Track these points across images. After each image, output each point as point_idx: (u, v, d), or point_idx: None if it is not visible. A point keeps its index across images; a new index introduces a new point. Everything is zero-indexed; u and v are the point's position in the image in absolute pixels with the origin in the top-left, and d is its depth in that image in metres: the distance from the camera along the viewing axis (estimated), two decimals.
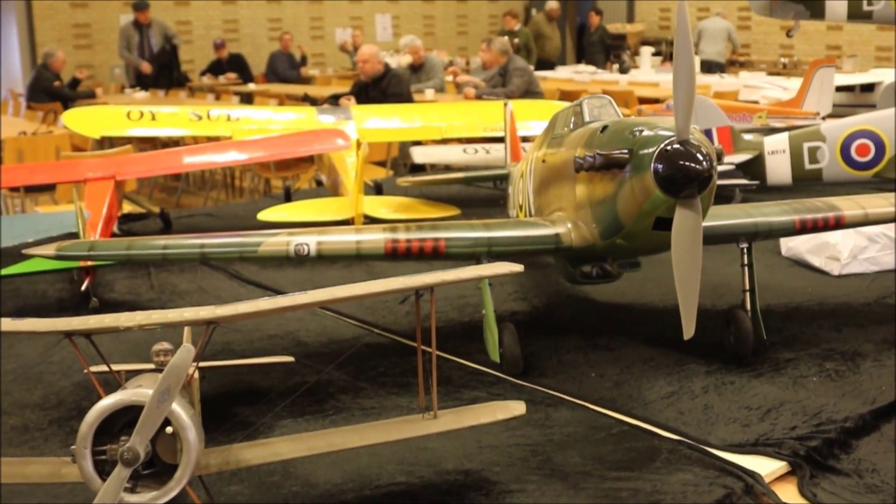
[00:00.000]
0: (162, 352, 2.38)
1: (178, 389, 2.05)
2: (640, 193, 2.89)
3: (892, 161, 5.63)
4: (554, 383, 3.32)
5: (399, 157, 9.75)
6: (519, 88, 12.40)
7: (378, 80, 9.82)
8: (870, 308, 4.13)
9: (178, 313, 2.27)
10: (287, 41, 19.82)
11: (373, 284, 2.36)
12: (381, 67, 9.88)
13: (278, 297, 2.34)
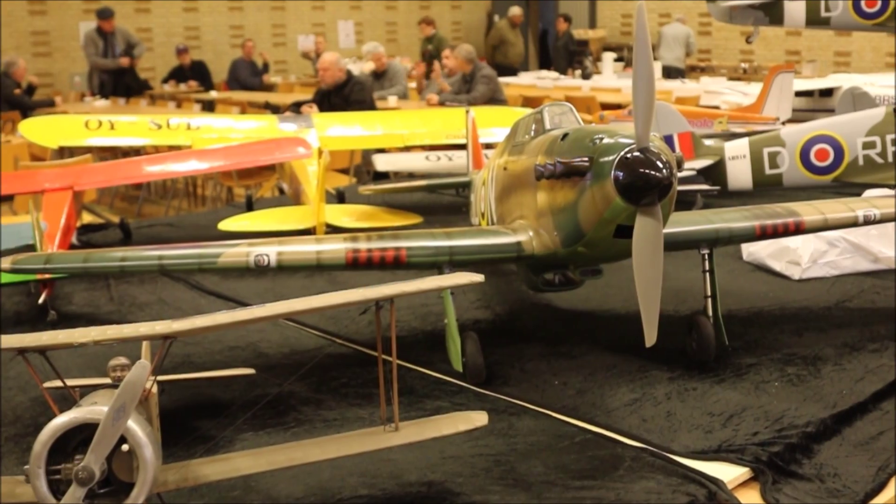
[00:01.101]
0: (118, 367, 2.35)
1: (133, 406, 2.02)
2: (600, 201, 2.89)
3: (850, 165, 5.67)
4: (517, 392, 3.31)
5: (362, 165, 9.73)
6: (483, 95, 12.43)
7: (340, 88, 9.79)
8: (830, 312, 4.16)
9: (134, 328, 2.23)
10: (249, 48, 19.76)
11: (332, 297, 2.33)
12: (343, 75, 9.85)
13: (236, 311, 2.31)
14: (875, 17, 6.66)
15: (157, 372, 2.34)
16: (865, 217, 3.70)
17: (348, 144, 7.31)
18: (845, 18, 6.70)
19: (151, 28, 21.82)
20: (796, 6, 6.74)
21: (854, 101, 7.46)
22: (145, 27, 21.51)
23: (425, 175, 6.87)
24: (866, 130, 5.67)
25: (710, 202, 6.00)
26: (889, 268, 4.73)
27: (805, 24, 6.83)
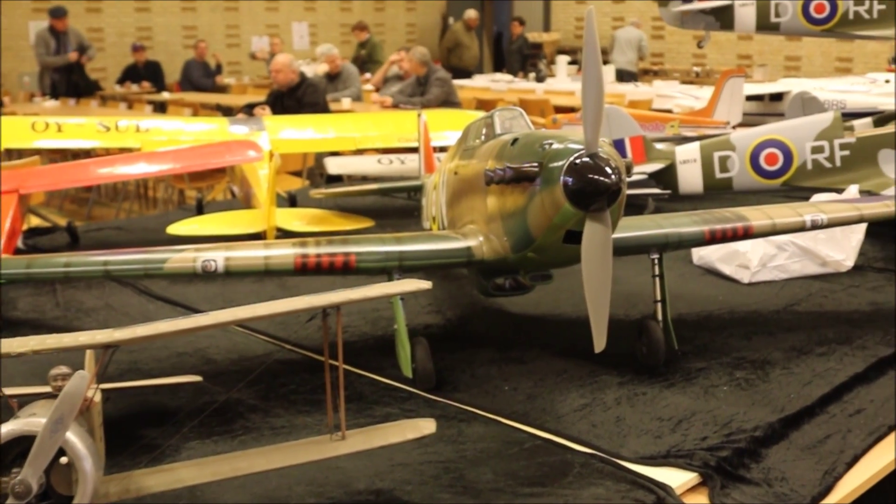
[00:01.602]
0: (59, 376, 2.29)
1: (72, 418, 1.98)
2: (549, 207, 2.88)
3: (799, 170, 5.72)
4: (467, 398, 3.29)
5: (315, 167, 9.68)
6: (437, 98, 12.44)
7: (293, 90, 9.74)
8: (779, 316, 4.19)
9: (74, 338, 2.19)
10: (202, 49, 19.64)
11: (277, 304, 2.30)
12: (296, 77, 9.79)
13: (179, 320, 2.27)
14: (824, 22, 6.73)
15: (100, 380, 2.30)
16: (813, 221, 3.73)
17: (300, 147, 7.26)
18: (794, 24, 6.76)
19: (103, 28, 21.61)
20: (746, 11, 6.79)
21: (803, 106, 7.55)
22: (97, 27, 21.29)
23: (378, 178, 6.84)
24: (815, 135, 5.72)
25: (662, 206, 6.04)
26: (837, 271, 4.78)
27: (755, 29, 6.87)
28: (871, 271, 4.88)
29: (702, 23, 6.90)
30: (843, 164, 5.69)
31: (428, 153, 5.27)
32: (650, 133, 7.64)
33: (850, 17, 6.66)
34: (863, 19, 6.67)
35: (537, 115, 11.80)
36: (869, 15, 6.65)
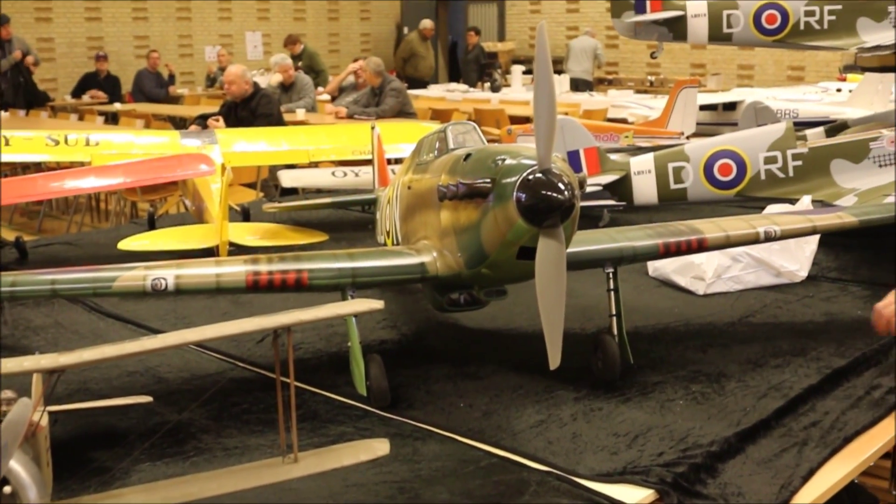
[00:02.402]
0: (4, 401, 2.24)
1: (15, 446, 1.92)
2: (503, 223, 2.86)
3: (753, 180, 5.75)
4: (422, 415, 3.26)
5: (269, 179, 9.60)
6: (392, 108, 12.41)
7: (247, 101, 9.65)
8: (734, 328, 4.20)
9: (18, 362, 2.13)
10: (154, 59, 19.46)
11: (226, 326, 2.26)
12: (250, 88, 9.71)
13: (126, 343, 2.22)
14: (775, 33, 6.78)
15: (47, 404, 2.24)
16: (766, 234, 3.74)
17: (253, 160, 7.19)
18: (746, 34, 6.80)
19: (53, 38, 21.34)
20: (699, 22, 6.82)
21: (756, 116, 7.60)
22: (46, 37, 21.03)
23: (332, 191, 6.80)
24: (768, 145, 5.75)
25: (617, 217, 6.06)
26: (791, 281, 4.81)
27: (708, 39, 6.91)
28: (825, 281, 4.91)
29: (655, 34, 6.92)
30: (795, 175, 5.72)
31: (382, 166, 5.24)
32: (605, 144, 7.67)
33: (801, 28, 6.72)
34: (813, 30, 6.73)
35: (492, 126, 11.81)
36: (819, 25, 6.71)
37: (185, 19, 23.26)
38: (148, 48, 20.72)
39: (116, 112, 15.73)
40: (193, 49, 23.31)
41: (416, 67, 19.97)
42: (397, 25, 26.68)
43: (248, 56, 23.30)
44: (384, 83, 12.65)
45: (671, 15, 6.80)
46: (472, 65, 21.32)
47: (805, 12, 6.69)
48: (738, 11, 6.76)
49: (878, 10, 6.59)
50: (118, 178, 5.78)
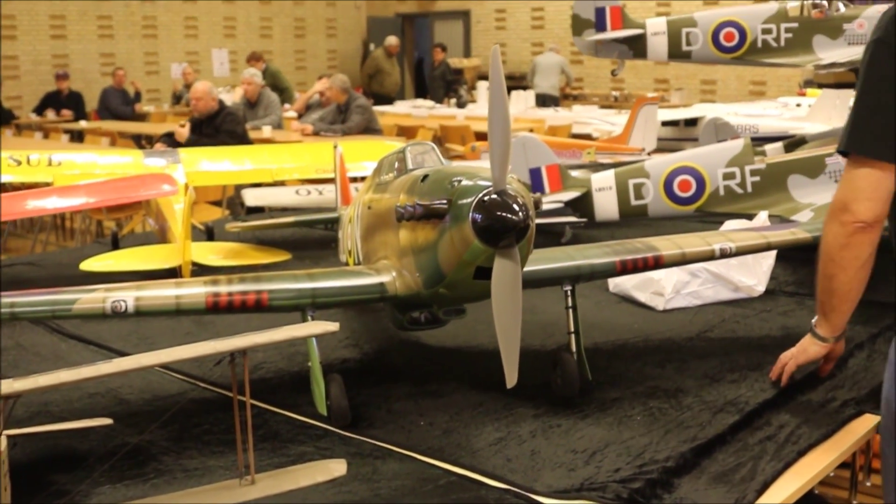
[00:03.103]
0: None
1: None
2: (459, 244, 2.90)
3: (712, 196, 5.82)
4: (382, 434, 3.28)
5: (235, 197, 9.61)
6: (358, 125, 12.45)
7: (212, 118, 9.67)
8: (692, 343, 4.25)
9: None
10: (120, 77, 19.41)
11: (182, 350, 2.28)
12: (215, 104, 9.73)
13: (82, 368, 2.24)
14: (733, 50, 6.89)
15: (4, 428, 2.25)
16: (722, 250, 3.80)
17: (216, 180, 7.21)
18: (705, 52, 6.91)
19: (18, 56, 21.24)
20: (658, 40, 6.92)
21: (716, 132, 7.70)
22: (11, 55, 20.92)
23: (297, 209, 6.82)
24: (726, 161, 5.82)
25: (579, 233, 6.11)
26: (749, 296, 4.87)
27: (667, 57, 7.01)
28: (783, 295, 4.98)
29: (615, 52, 7.02)
30: (754, 190, 5.80)
31: (344, 185, 5.27)
32: (567, 160, 7.74)
33: (758, 46, 6.84)
34: (771, 47, 6.84)
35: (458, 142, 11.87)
36: (777, 43, 6.82)
37: (151, 37, 23.22)
38: (114, 65, 20.68)
39: (82, 130, 15.67)
40: (160, 66, 23.27)
41: (382, 84, 20.05)
42: (363, 42, 26.76)
43: (214, 73, 23.28)
44: (350, 100, 12.70)
45: (631, 33, 6.89)
46: (438, 81, 21.42)
47: (762, 30, 6.81)
48: (696, 29, 6.87)
49: (833, 27, 6.71)
50: (80, 199, 5.77)
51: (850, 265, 3.04)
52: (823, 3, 6.77)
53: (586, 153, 8.04)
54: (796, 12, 6.80)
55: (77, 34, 22.01)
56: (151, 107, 20.30)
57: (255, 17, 25.04)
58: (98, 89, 19.65)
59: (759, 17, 6.82)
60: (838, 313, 3.26)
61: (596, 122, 12.56)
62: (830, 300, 3.21)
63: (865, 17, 6.66)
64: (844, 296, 3.16)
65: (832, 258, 3.07)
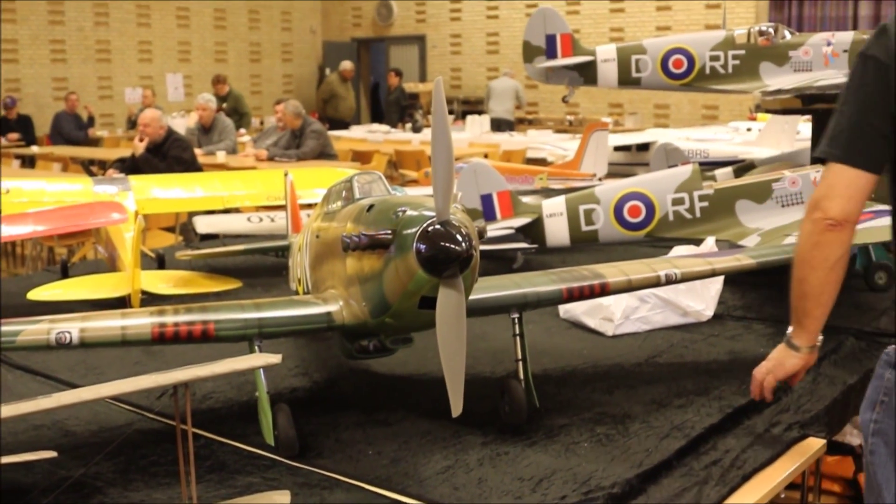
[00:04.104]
0: None
1: None
2: (404, 274, 2.91)
3: (661, 221, 5.87)
4: (330, 464, 3.28)
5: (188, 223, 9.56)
6: (313, 150, 12.45)
7: (160, 145, 9.65)
8: (640, 368, 4.28)
9: None
10: (73, 101, 19.27)
11: (123, 384, 2.27)
12: (163, 132, 9.71)
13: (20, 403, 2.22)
14: (682, 77, 6.98)
15: None
16: (667, 277, 3.84)
17: (167, 207, 7.16)
18: (654, 79, 6.99)
19: None
20: (608, 67, 6.99)
21: (667, 157, 7.80)
22: None
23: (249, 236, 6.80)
24: (675, 187, 5.88)
25: (531, 259, 6.15)
26: (698, 321, 4.92)
27: (617, 84, 7.08)
28: (731, 320, 5.04)
29: (566, 78, 7.08)
30: (702, 215, 5.86)
31: (295, 212, 5.27)
32: (519, 186, 7.79)
33: (706, 72, 6.93)
34: (718, 74, 6.94)
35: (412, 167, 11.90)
36: (724, 70, 6.92)
37: (105, 61, 23.07)
38: (66, 90, 20.52)
39: (34, 155, 15.53)
40: (113, 91, 23.11)
41: (337, 108, 20.09)
42: (319, 67, 26.77)
43: (168, 97, 23.17)
44: (304, 125, 12.69)
45: (581, 60, 6.96)
46: (393, 106, 21.48)
47: (710, 57, 6.90)
48: (646, 56, 6.95)
49: (779, 54, 6.82)
50: (28, 227, 5.71)
51: (821, 265, 3.02)
52: (769, 30, 6.88)
53: (538, 179, 8.09)
54: (743, 39, 6.90)
55: (29, 58, 21.82)
56: (105, 131, 20.16)
57: (210, 41, 24.99)
58: (51, 114, 19.49)
59: (707, 45, 6.92)
60: (812, 318, 3.19)
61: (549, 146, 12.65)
62: (804, 304, 3.15)
63: (810, 45, 6.78)
64: (816, 299, 3.12)
65: (804, 259, 3.05)
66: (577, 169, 8.98)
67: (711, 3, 20.60)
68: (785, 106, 6.97)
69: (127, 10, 23.26)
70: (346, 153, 13.88)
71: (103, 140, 18.77)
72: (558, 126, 20.19)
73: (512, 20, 23.13)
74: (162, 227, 9.83)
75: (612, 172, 9.37)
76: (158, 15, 23.87)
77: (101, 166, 13.75)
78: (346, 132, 18.08)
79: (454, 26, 25.09)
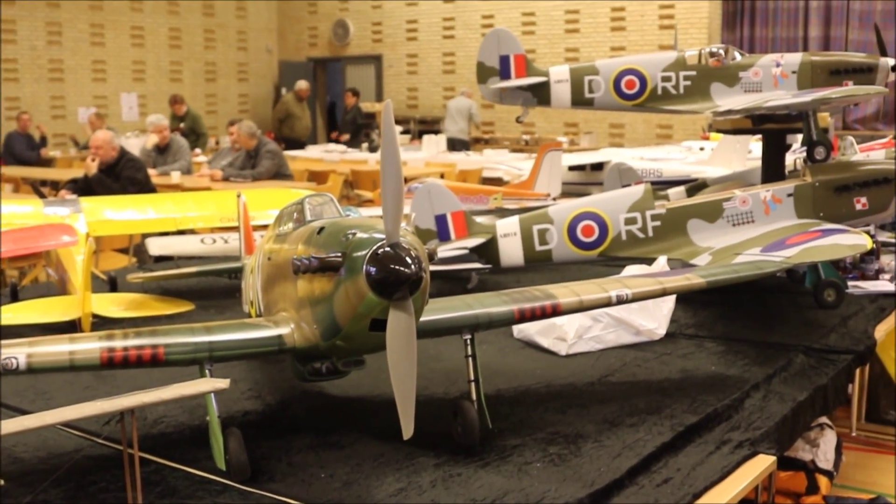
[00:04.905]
0: None
1: None
2: (354, 296, 2.91)
3: (614, 241, 5.91)
4: (283, 487, 3.26)
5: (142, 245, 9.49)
6: (268, 171, 12.43)
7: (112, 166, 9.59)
8: (593, 388, 4.30)
9: None
10: (25, 121, 19.08)
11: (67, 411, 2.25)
12: (116, 153, 9.66)
13: None
14: (634, 97, 7.03)
15: None
16: (618, 297, 3.86)
17: (118, 229, 7.10)
18: (607, 99, 7.04)
19: None
20: (562, 88, 7.03)
21: (620, 176, 7.85)
22: None
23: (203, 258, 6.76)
24: (628, 207, 5.93)
25: (486, 279, 6.17)
26: (650, 339, 4.96)
27: (571, 104, 7.12)
28: (683, 338, 5.08)
29: (520, 99, 7.11)
30: (655, 234, 5.91)
31: (248, 234, 5.24)
32: (475, 206, 7.81)
33: (658, 93, 6.99)
34: (670, 95, 7.00)
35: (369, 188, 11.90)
36: (676, 90, 6.98)
37: (58, 80, 22.89)
38: (19, 109, 20.31)
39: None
40: (66, 110, 22.92)
41: (293, 128, 20.07)
42: (275, 86, 26.73)
43: (123, 117, 23.02)
44: (259, 145, 12.67)
45: (535, 81, 7.00)
46: (349, 125, 21.48)
47: (662, 78, 6.96)
48: (598, 77, 6.99)
49: (730, 75, 6.90)
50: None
51: None
52: (720, 52, 6.95)
53: (492, 199, 8.12)
54: (694, 61, 6.97)
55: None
56: (58, 152, 19.97)
57: (166, 60, 24.88)
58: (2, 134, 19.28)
59: (659, 66, 6.98)
60: None
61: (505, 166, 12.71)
62: None
63: (760, 66, 6.86)
64: None
65: None
66: (531, 189, 9.03)
67: (665, 24, 20.84)
68: (736, 126, 7.04)
69: (80, 30, 23.10)
70: (302, 173, 13.85)
71: (56, 160, 18.60)
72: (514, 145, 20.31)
73: (468, 40, 23.25)
74: (115, 249, 9.76)
75: (566, 192, 9.42)
76: (113, 34, 23.73)
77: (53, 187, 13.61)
78: (303, 152, 18.04)
79: (411, 46, 25.17)
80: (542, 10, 22.66)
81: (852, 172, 6.02)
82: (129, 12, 24.00)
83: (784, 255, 4.92)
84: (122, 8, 23.86)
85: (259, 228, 5.73)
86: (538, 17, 22.73)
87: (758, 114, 6.57)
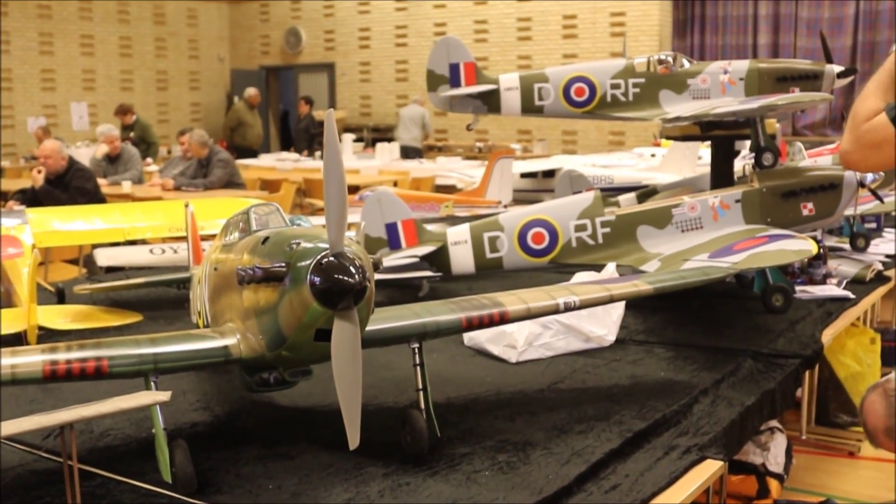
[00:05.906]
0: None
1: None
2: (298, 306, 2.90)
3: (565, 248, 5.94)
4: (230, 499, 3.23)
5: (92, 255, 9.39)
6: (220, 179, 12.37)
7: (62, 176, 9.49)
8: (543, 395, 4.31)
9: None
10: None
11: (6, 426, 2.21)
12: (65, 163, 9.55)
13: None
14: (584, 105, 7.07)
15: None
16: (566, 304, 3.88)
17: (66, 240, 7.01)
18: (557, 107, 7.07)
19: None
20: (511, 95, 7.06)
21: (571, 183, 7.90)
22: None
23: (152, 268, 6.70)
24: (577, 214, 5.96)
25: (437, 286, 6.17)
26: (600, 346, 4.98)
27: (521, 112, 7.14)
28: (633, 344, 5.10)
29: (470, 107, 7.13)
30: (605, 241, 5.94)
31: (196, 244, 5.21)
32: (426, 214, 7.81)
33: (608, 100, 7.03)
34: (619, 102, 7.04)
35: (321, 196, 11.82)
36: (625, 98, 7.03)
37: (7, 90, 22.59)
38: None
39: None
40: (15, 120, 22.64)
41: (244, 136, 19.97)
42: (228, 95, 26.59)
43: (73, 127, 22.77)
44: (211, 154, 12.60)
45: (485, 89, 7.02)
46: (303, 134, 21.42)
47: (611, 85, 7.00)
48: (548, 84, 7.03)
49: (678, 82, 6.96)
50: None
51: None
52: (668, 59, 7.01)
53: (444, 207, 8.13)
54: (643, 68, 7.02)
55: None
56: (7, 162, 19.71)
57: (116, 69, 24.66)
58: None
59: (608, 73, 7.02)
60: None
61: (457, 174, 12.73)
62: None
63: (708, 73, 6.93)
64: None
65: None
66: (482, 196, 9.05)
67: (617, 32, 21.00)
68: (685, 132, 7.11)
69: (29, 38, 22.84)
70: (255, 182, 13.79)
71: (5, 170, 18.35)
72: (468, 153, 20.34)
73: (421, 48, 23.28)
74: (65, 260, 9.64)
75: (518, 199, 9.45)
76: (62, 43, 23.48)
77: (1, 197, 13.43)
78: (255, 161, 17.95)
79: (363, 54, 25.16)
80: (495, 17, 22.75)
81: (799, 178, 6.09)
82: (78, 21, 23.76)
83: (731, 261, 4.97)
84: (72, 16, 23.61)
85: (208, 238, 5.69)
86: (490, 25, 22.81)
87: (706, 120, 6.64)
